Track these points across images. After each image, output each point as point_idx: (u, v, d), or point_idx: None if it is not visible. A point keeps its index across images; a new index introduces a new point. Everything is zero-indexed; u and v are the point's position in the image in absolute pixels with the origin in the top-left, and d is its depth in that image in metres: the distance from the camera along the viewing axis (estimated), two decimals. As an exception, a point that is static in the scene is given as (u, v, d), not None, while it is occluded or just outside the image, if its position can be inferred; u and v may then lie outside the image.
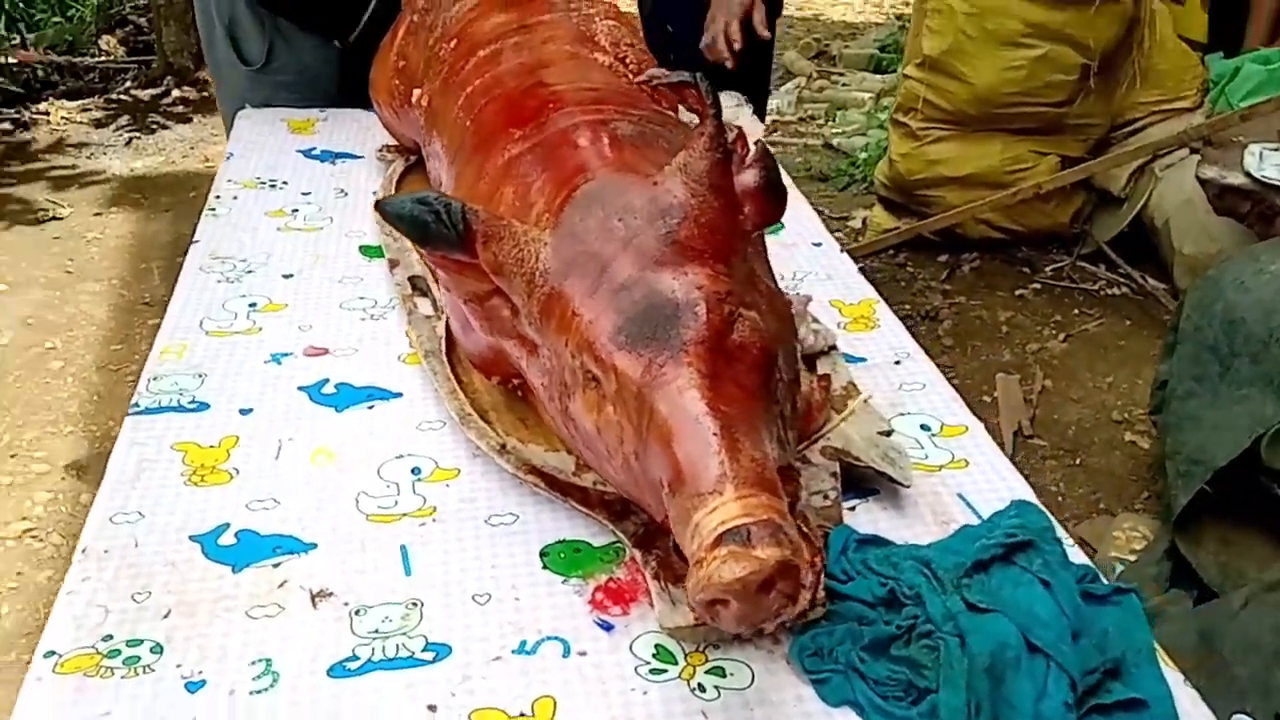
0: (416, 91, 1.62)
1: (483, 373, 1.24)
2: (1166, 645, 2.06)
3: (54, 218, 3.87)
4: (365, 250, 1.65)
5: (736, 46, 2.29)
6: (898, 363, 1.39)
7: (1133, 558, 2.39)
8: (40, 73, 5.26)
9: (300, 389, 1.33)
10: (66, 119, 4.82)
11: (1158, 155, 3.45)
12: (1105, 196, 3.72)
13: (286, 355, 1.39)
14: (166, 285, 1.73)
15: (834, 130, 5.00)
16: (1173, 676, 0.95)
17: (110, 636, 0.97)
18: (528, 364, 1.06)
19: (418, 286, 1.49)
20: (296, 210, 1.78)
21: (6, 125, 4.70)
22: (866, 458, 1.14)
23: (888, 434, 1.19)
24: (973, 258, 3.75)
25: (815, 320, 1.35)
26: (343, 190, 1.85)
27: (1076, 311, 3.47)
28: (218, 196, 1.81)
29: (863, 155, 4.54)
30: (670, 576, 0.98)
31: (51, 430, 2.74)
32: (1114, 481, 2.75)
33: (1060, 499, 2.71)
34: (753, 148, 1.00)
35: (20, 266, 3.52)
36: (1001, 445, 2.87)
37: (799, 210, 1.81)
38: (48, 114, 4.83)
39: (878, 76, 5.59)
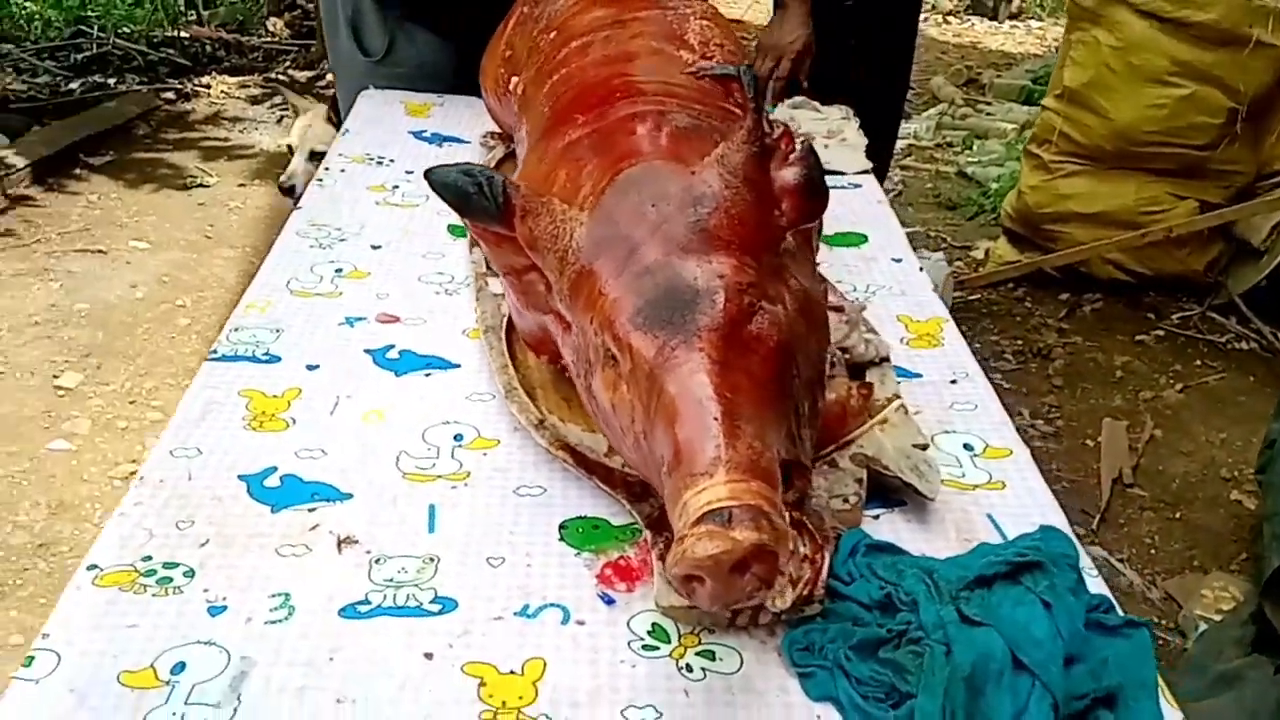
0: (515, 79, 1.67)
1: (534, 351, 1.28)
2: (1242, 709, 2.00)
3: (201, 185, 4.08)
4: (452, 229, 1.71)
5: (772, 91, 2.29)
6: (954, 382, 1.38)
7: (1218, 618, 2.30)
8: (208, 48, 5.56)
9: (366, 351, 1.39)
10: (225, 94, 5.08)
11: (1302, 208, 3.32)
12: (1244, 247, 3.58)
13: (360, 319, 1.46)
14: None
15: (970, 159, 4.92)
16: (1172, 716, 0.93)
17: (149, 558, 1.04)
18: (561, 341, 1.09)
19: (490, 267, 1.54)
20: (397, 187, 1.85)
21: (170, 95, 4.98)
22: (896, 468, 1.14)
23: (923, 448, 1.18)
24: (1095, 298, 3.65)
25: (870, 330, 1.35)
26: (444, 172, 1.91)
27: (1198, 363, 3.35)
28: (327, 168, 1.90)
29: (995, 186, 4.46)
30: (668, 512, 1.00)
31: (170, 382, 2.89)
32: (1212, 539, 2.65)
33: (1153, 551, 2.63)
34: (798, 145, 1.01)
35: (164, 228, 3.73)
36: (1099, 491, 2.82)
37: (886, 224, 1.81)
38: (209, 87, 5.09)
39: (1025, 108, 5.47)
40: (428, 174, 1.02)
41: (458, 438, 1.23)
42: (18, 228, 3.67)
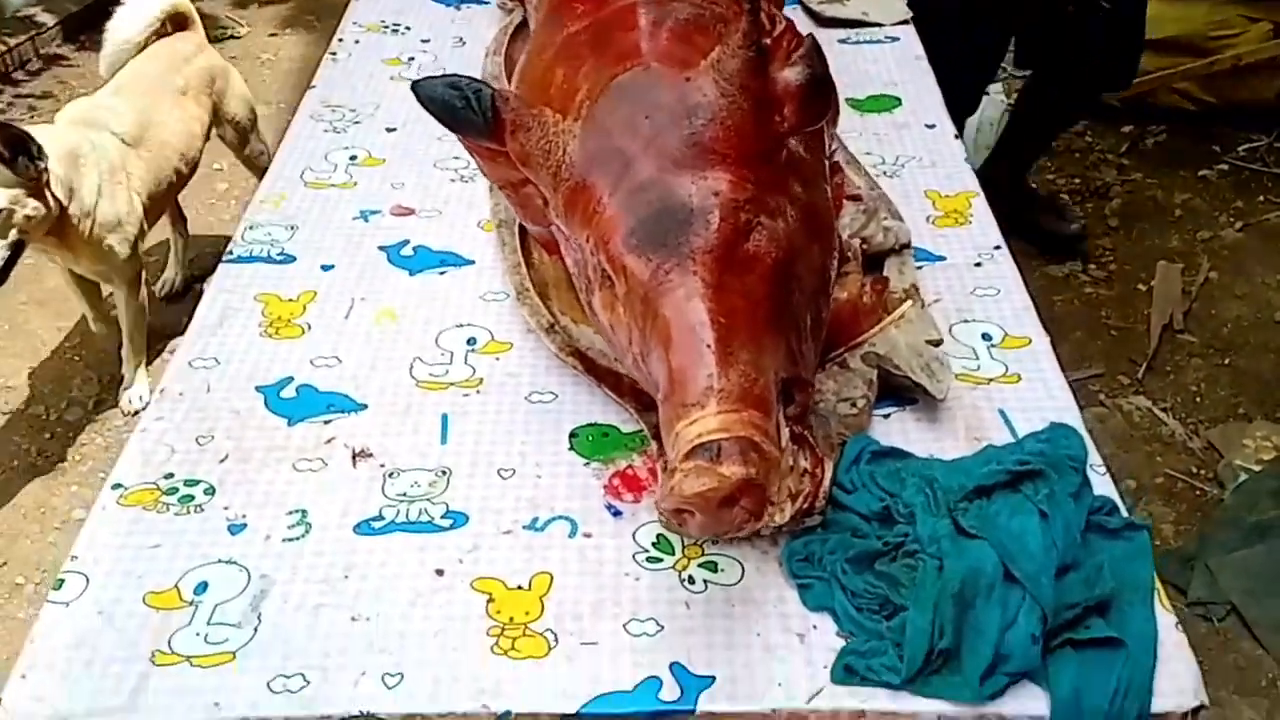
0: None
1: (545, 250, 1.26)
2: (1272, 560, 1.99)
3: (232, 36, 4.02)
4: (471, 107, 1.68)
5: None
6: (978, 264, 1.35)
7: (1258, 468, 2.28)
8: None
9: (380, 248, 1.38)
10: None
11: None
12: (1317, 71, 3.39)
13: (375, 213, 1.45)
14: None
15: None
16: (1165, 620, 0.93)
17: (171, 475, 1.07)
18: (565, 250, 1.08)
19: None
20: (412, 59, 1.81)
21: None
22: (906, 367, 1.12)
23: (937, 343, 1.16)
24: (1159, 130, 3.50)
25: (891, 215, 1.31)
26: (461, 39, 1.87)
27: (1261, 199, 3.22)
28: (340, 40, 1.87)
29: (1054, 10, 4.24)
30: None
31: (209, 250, 2.91)
32: (1260, 386, 2.60)
33: (1199, 399, 2.59)
34: (806, 41, 0.97)
35: (200, 85, 3.70)
36: (1149, 337, 2.77)
37: (922, 83, 1.74)
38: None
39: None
40: (414, 87, 0.99)
41: (470, 341, 1.24)
42: (55, 89, 3.65)
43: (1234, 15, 3.33)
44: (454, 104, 0.97)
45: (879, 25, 1.90)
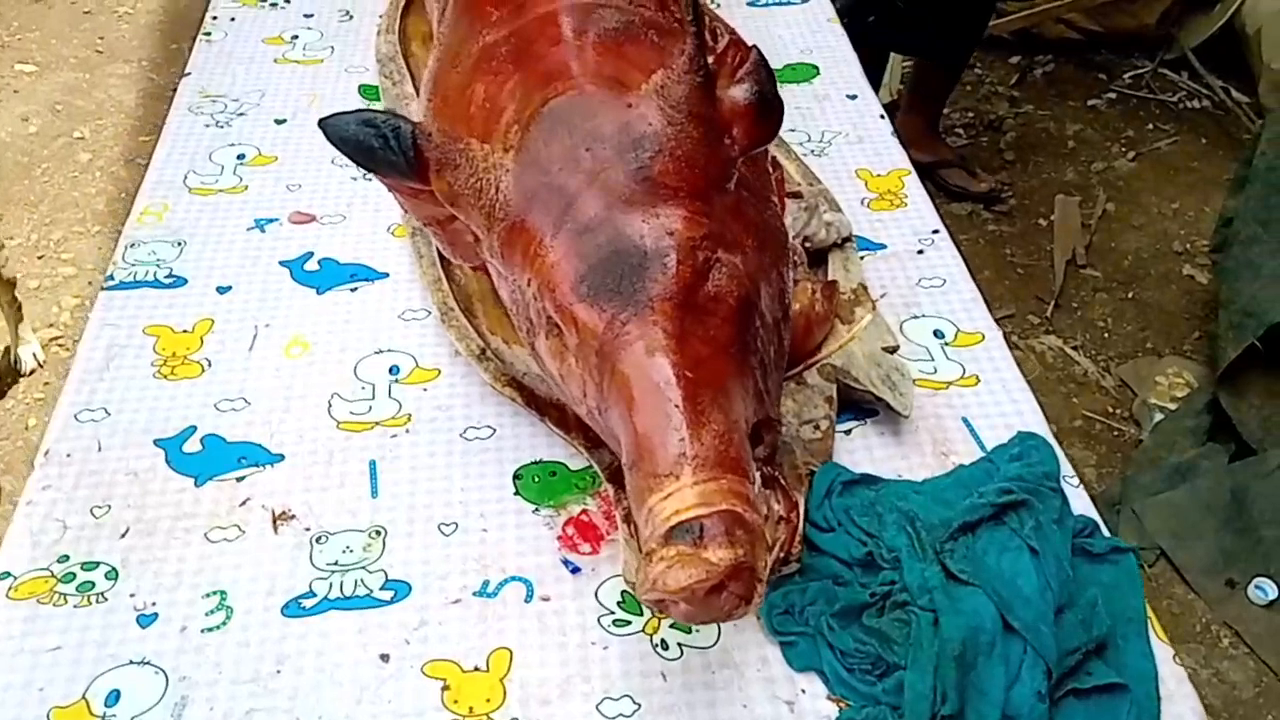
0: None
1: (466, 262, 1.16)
2: (1196, 501, 2.02)
3: (85, -11, 3.72)
4: (365, 90, 1.54)
5: None
6: (920, 252, 1.29)
7: (1173, 406, 2.31)
8: None
9: (282, 264, 1.26)
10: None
11: (1261, -46, 3.14)
12: (1197, -2, 3.42)
13: (271, 221, 1.32)
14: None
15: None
16: (1162, 651, 0.89)
17: (66, 557, 0.95)
18: (498, 283, 0.98)
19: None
20: (296, 37, 1.66)
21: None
22: (866, 380, 1.06)
23: (893, 350, 1.10)
24: (1046, 60, 3.49)
25: (831, 207, 1.24)
26: (347, 13, 1.72)
27: (1150, 127, 3.24)
28: (214, 18, 1.70)
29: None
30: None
31: (79, 230, 2.71)
32: (1165, 319, 2.63)
33: (1107, 335, 2.61)
34: (751, 56, 0.87)
35: (50, 45, 3.42)
36: (1054, 274, 2.77)
37: (838, 53, 1.65)
38: None
39: None
40: (322, 124, 0.87)
41: (393, 370, 1.13)
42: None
43: (1119, -57, 3.33)
44: (370, 144, 0.85)
45: (789, -17, 1.80)
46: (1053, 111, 3.31)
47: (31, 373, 2.32)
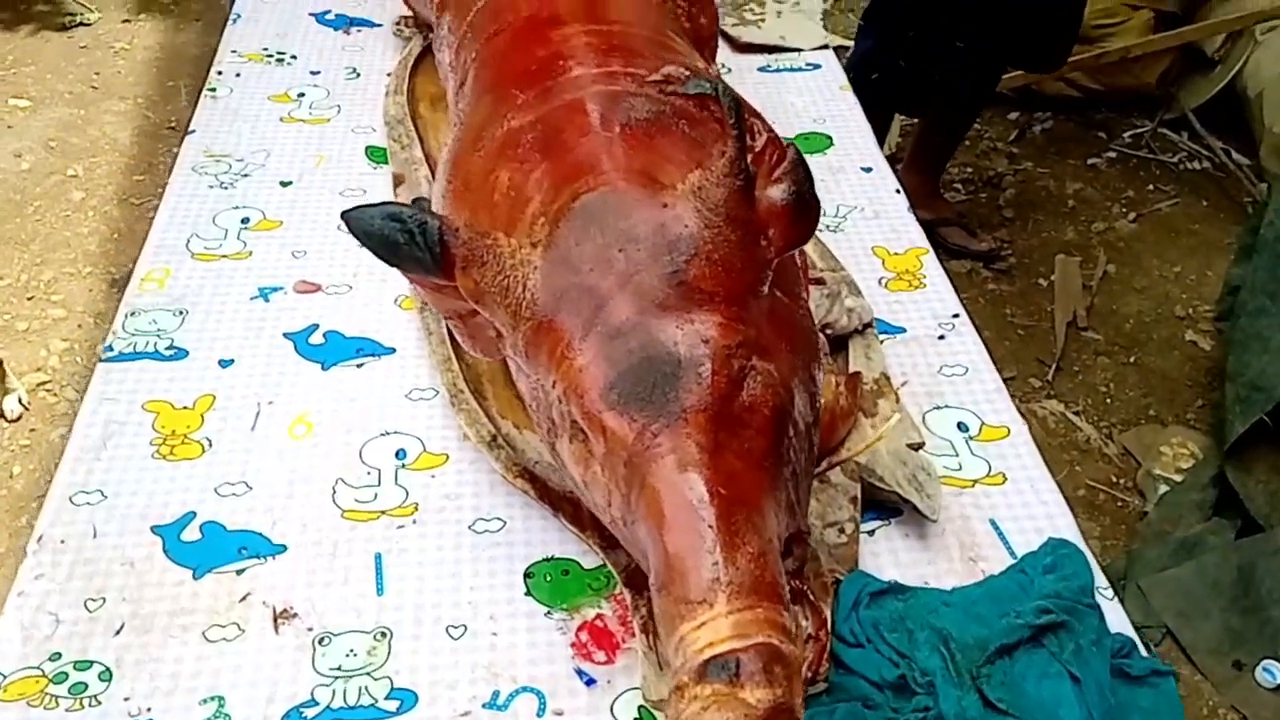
0: (429, -18, 1.45)
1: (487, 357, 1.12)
2: (1203, 578, 1.98)
3: (82, 23, 3.69)
4: (372, 153, 1.51)
5: None
6: (941, 337, 1.26)
7: (1178, 477, 2.28)
8: None
9: (286, 336, 1.22)
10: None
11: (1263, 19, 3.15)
12: (1197, 57, 3.42)
13: (276, 290, 1.28)
14: (192, 106, 1.62)
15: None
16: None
17: (58, 655, 0.91)
18: (517, 377, 0.95)
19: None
20: (303, 95, 1.63)
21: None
22: (892, 480, 1.03)
23: (918, 446, 1.07)
24: (1045, 117, 3.50)
25: (851, 293, 1.21)
26: (354, 70, 1.69)
27: (1151, 187, 3.24)
28: (219, 73, 1.67)
29: None
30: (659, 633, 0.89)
31: (70, 271, 2.66)
32: (1168, 385, 2.61)
33: (1109, 400, 2.59)
34: (789, 155, 0.85)
35: (45, 79, 3.38)
36: (1054, 336, 2.75)
37: (852, 123, 1.63)
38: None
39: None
40: (346, 218, 0.84)
41: (400, 454, 1.10)
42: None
43: (1117, 4, 3.33)
44: (395, 239, 0.82)
45: (798, 50, 1.79)
46: (1052, 169, 3.30)
47: (17, 419, 2.27)
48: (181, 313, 1.25)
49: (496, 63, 1.09)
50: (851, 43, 4.01)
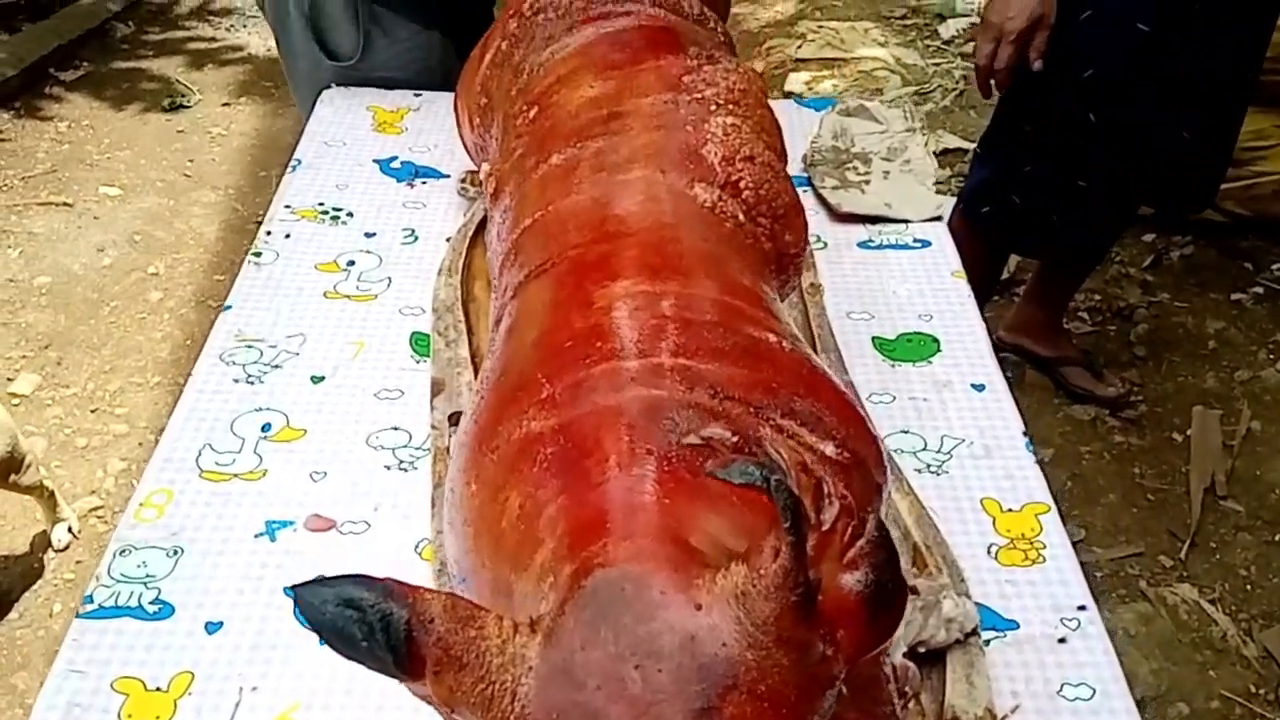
0: (485, 165, 1.29)
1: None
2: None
3: (182, 105, 3.67)
4: (417, 343, 1.36)
5: (997, 76, 1.95)
6: (1063, 640, 1.04)
7: (1330, 698, 2.00)
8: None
9: (287, 592, 1.06)
10: (214, -24, 4.58)
11: None
12: (1358, 184, 3.12)
13: (285, 526, 1.13)
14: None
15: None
16: None
17: None
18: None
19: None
20: (352, 264, 1.48)
21: (154, -20, 4.49)
22: None
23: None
24: (1185, 242, 3.21)
25: (952, 595, 1.00)
26: (412, 233, 1.54)
27: (1304, 330, 2.94)
28: (268, 232, 1.53)
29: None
30: None
31: (137, 381, 2.58)
32: (1320, 573, 2.32)
33: (1249, 587, 2.30)
34: (868, 530, 0.65)
35: (139, 165, 3.36)
36: (1188, 503, 2.48)
37: (963, 322, 1.42)
38: (195, -30, 4.59)
39: None
40: (298, 598, 0.67)
41: (395, 777, 0.92)
42: (-21, 169, 3.31)
43: (1269, 125, 3.06)
44: (352, 634, 0.65)
45: (905, 222, 1.59)
46: (1191, 304, 3.02)
47: (65, 548, 2.18)
48: (176, 552, 1.10)
49: (529, 322, 0.91)
50: (966, 143, 3.81)
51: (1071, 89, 2.04)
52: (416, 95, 1.86)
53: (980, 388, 1.32)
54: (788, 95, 4.08)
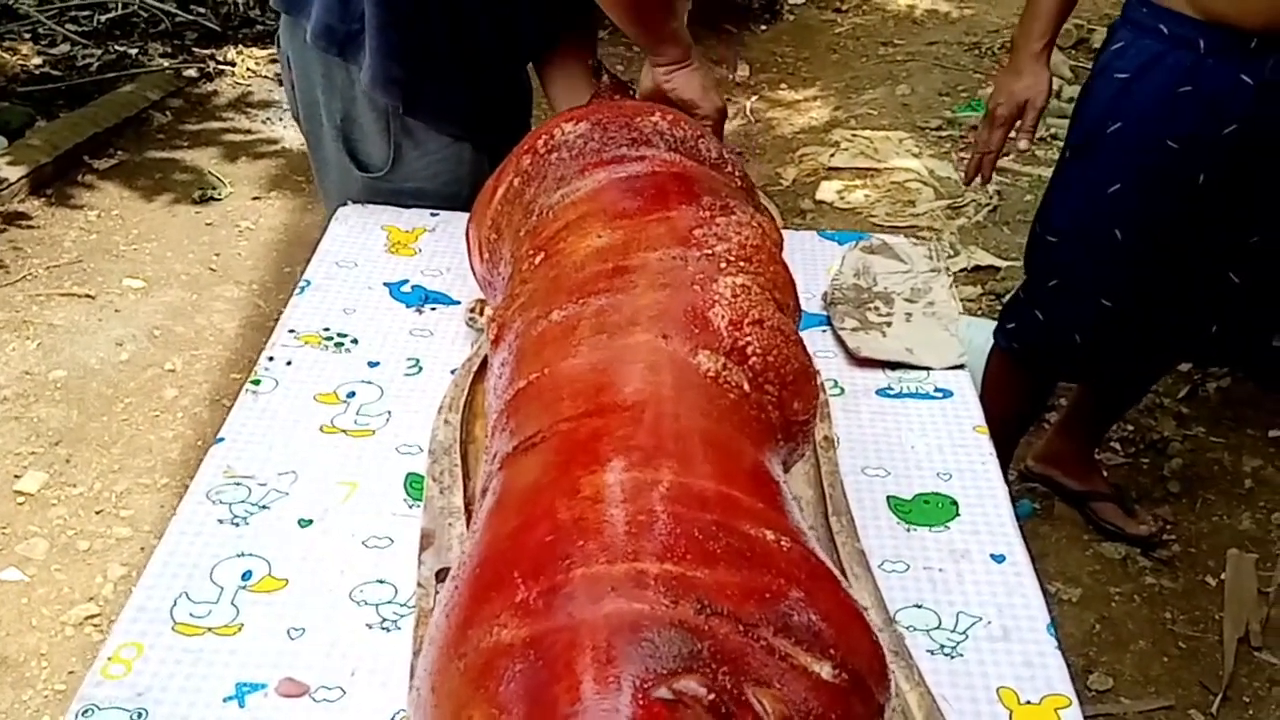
0: (488, 310, 1.26)
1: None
2: None
3: (212, 198, 3.69)
4: (412, 485, 1.30)
5: (985, 159, 1.96)
6: None
7: None
8: (240, 7, 5.09)
9: (250, 769, 1.00)
10: (253, 71, 4.65)
11: None
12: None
13: (256, 690, 1.07)
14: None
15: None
16: None
17: None
18: None
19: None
20: (352, 395, 1.44)
21: (192, 73, 4.56)
22: None
23: None
24: (1222, 374, 3.13)
25: None
26: (416, 364, 1.50)
27: (1344, 470, 2.84)
28: (270, 358, 1.50)
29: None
30: None
31: (145, 482, 2.54)
32: (1362, 739, 2.20)
33: (1284, 749, 2.18)
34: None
35: (165, 258, 3.36)
36: (1221, 654, 2.37)
37: (983, 482, 1.35)
38: (234, 64, 4.66)
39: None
40: None
41: None
42: (6, 256, 3.31)
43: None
44: None
45: (927, 370, 1.53)
46: (1227, 440, 2.93)
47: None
48: (140, 715, 1.04)
49: (513, 506, 0.86)
50: (998, 260, 3.76)
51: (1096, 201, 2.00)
52: (434, 215, 1.83)
53: (1000, 559, 1.25)
54: (819, 203, 4.07)
